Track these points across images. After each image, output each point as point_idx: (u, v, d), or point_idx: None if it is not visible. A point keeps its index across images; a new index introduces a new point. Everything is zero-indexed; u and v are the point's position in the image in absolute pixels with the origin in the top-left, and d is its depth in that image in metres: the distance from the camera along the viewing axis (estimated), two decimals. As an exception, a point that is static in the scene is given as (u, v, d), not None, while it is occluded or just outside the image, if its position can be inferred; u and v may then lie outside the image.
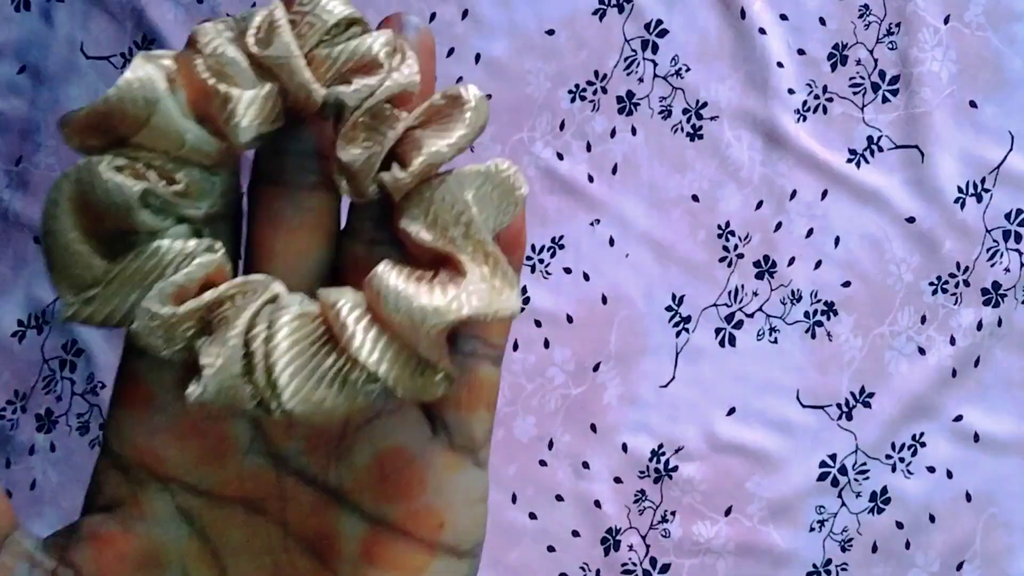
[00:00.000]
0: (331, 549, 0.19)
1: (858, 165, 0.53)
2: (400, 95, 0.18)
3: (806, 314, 0.53)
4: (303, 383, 0.17)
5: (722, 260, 0.53)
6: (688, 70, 0.53)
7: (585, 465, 0.53)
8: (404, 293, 0.17)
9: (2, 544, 0.18)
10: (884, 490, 0.53)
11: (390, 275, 0.17)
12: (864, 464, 0.53)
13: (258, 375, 0.17)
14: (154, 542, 0.19)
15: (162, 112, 0.17)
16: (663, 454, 0.53)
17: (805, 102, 0.53)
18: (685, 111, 0.53)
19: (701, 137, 0.53)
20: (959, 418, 0.53)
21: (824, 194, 0.53)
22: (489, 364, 0.20)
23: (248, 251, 0.19)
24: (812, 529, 0.53)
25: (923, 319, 0.53)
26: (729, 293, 0.53)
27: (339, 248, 0.19)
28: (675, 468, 0.53)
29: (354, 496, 0.19)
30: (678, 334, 0.53)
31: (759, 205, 0.53)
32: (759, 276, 0.53)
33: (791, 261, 0.53)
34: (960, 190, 0.53)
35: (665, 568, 0.53)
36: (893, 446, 0.54)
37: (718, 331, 0.53)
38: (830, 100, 0.53)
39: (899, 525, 0.53)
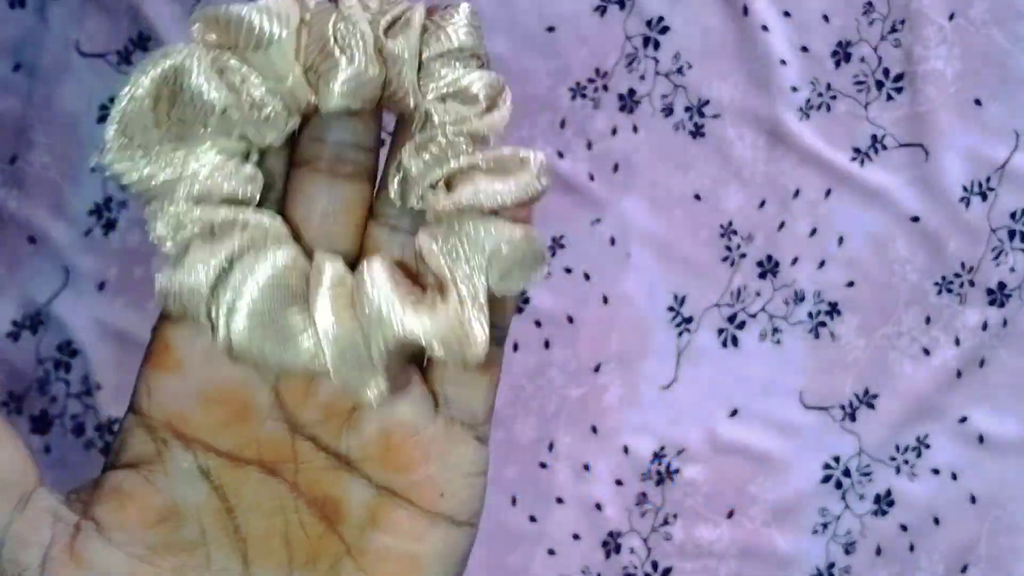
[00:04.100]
0: (338, 512, 0.20)
1: (862, 163, 0.53)
2: (479, 136, 0.19)
3: (809, 314, 0.53)
4: (255, 322, 0.18)
5: (724, 260, 0.53)
6: (690, 67, 0.52)
7: (586, 467, 0.53)
8: (384, 290, 0.18)
9: (27, 501, 0.19)
10: (888, 492, 0.53)
11: (381, 269, 0.18)
12: (868, 466, 0.53)
13: (225, 297, 0.18)
14: (174, 499, 0.20)
15: (281, 47, 0.18)
16: (664, 456, 0.53)
17: (808, 100, 0.52)
18: (687, 109, 0.52)
19: (703, 135, 0.52)
20: (964, 420, 0.53)
21: (828, 193, 0.53)
22: (491, 343, 0.21)
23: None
24: (815, 532, 0.53)
25: (928, 319, 0.53)
26: (732, 293, 0.53)
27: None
28: (677, 470, 0.53)
29: (362, 465, 0.20)
30: (680, 335, 0.53)
31: (762, 204, 0.53)
32: (762, 276, 0.53)
33: (794, 261, 0.53)
34: (965, 189, 0.53)
35: (667, 572, 0.53)
36: (897, 448, 0.53)
37: (720, 332, 0.53)
38: (833, 98, 0.52)
39: (903, 528, 0.53)
